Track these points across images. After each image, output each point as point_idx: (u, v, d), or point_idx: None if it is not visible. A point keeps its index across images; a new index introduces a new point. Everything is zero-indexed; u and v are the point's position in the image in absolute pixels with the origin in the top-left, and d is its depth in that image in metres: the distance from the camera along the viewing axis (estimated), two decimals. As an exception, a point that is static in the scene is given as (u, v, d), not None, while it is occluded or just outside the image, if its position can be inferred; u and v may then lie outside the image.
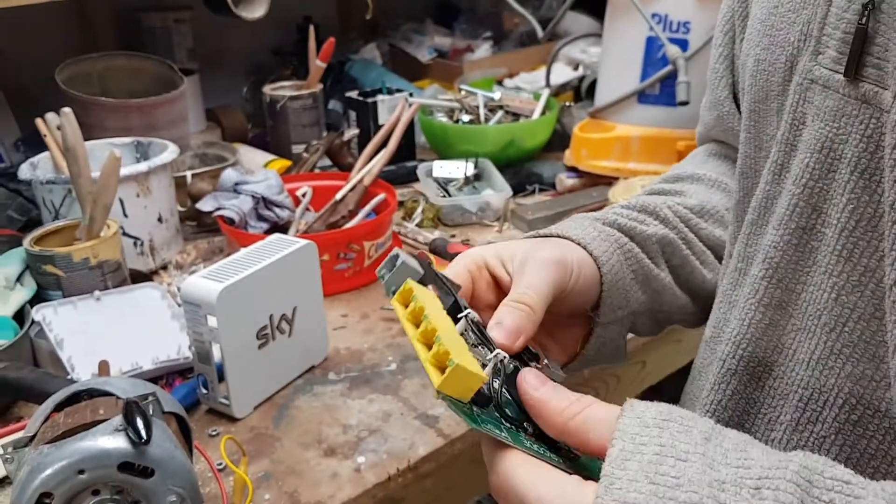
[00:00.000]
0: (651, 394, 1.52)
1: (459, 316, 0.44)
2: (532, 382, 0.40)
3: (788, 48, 0.44)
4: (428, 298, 0.43)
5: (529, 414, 0.40)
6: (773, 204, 0.45)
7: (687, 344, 1.06)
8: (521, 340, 0.44)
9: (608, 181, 1.25)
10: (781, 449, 0.44)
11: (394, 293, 0.44)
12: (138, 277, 0.98)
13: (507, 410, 0.40)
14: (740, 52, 0.53)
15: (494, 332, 0.44)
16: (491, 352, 0.42)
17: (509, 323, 0.45)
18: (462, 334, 0.43)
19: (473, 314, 0.45)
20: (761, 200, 0.46)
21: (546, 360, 0.47)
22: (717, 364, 0.48)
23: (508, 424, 0.40)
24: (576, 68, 1.68)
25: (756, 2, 0.49)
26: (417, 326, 0.41)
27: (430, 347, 0.39)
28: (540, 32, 1.47)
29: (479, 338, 0.44)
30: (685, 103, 1.13)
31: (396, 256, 0.45)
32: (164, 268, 1.08)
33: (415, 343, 0.40)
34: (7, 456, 0.55)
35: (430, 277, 0.46)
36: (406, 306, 0.43)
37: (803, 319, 0.43)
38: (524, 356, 0.46)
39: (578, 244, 0.53)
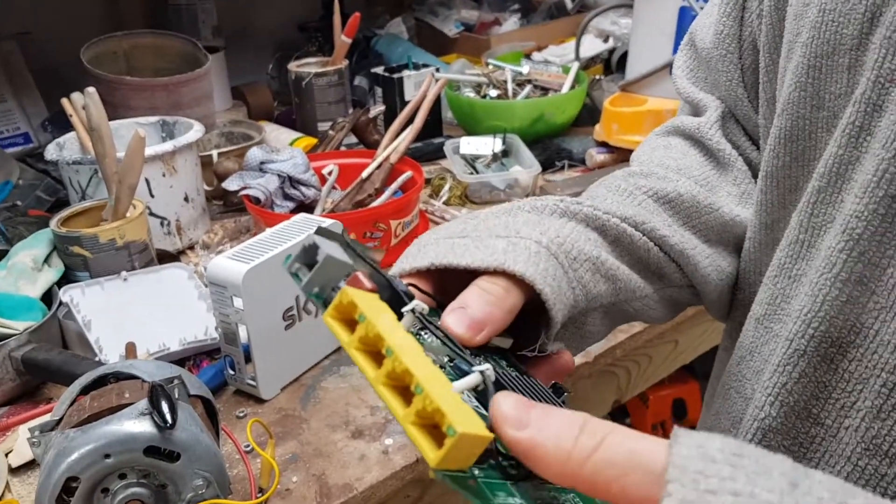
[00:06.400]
0: (684, 372, 1.51)
1: (404, 310, 0.34)
2: (510, 416, 0.28)
3: None
4: (378, 314, 0.30)
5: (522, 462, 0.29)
6: (850, 170, 0.41)
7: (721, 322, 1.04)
8: (485, 334, 0.37)
9: (640, 156, 1.22)
10: (859, 438, 0.41)
11: (317, 297, 0.33)
12: (165, 257, 0.98)
13: (505, 452, 0.30)
14: (774, 4, 0.49)
15: (452, 318, 0.36)
16: (455, 355, 0.32)
17: (476, 309, 0.37)
18: (413, 334, 0.34)
19: (421, 305, 0.35)
20: (832, 166, 0.42)
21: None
22: (783, 344, 0.44)
23: (514, 471, 0.29)
24: (606, 40, 1.64)
25: None
26: (374, 356, 0.30)
27: (401, 392, 0.29)
28: (569, 4, 1.44)
29: (437, 336, 0.34)
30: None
31: (316, 248, 0.33)
32: (192, 248, 1.08)
33: (379, 389, 0.29)
34: (34, 440, 0.55)
35: (356, 261, 0.35)
36: (348, 325, 0.31)
37: (889, 297, 0.40)
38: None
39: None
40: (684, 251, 0.51)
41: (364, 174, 1.11)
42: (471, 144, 1.29)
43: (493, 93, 1.42)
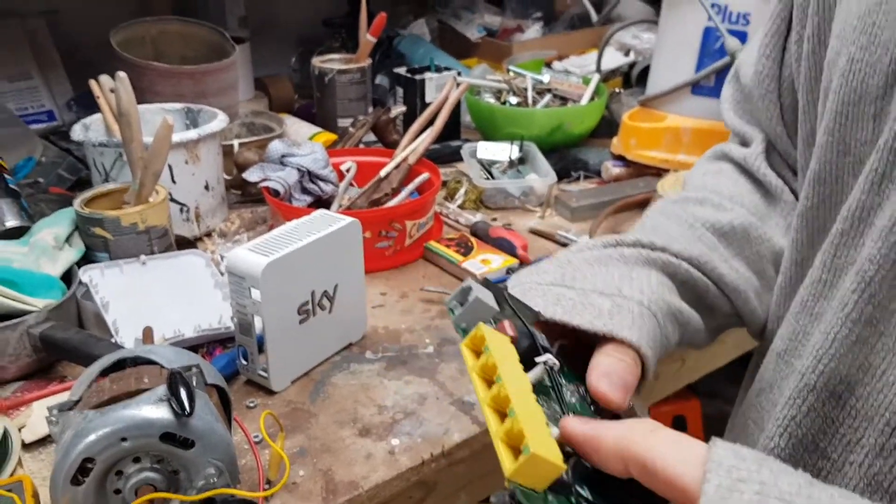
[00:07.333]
0: (686, 390, 1.51)
1: (538, 360, 0.40)
2: (576, 421, 0.36)
3: (894, 49, 0.41)
4: (502, 350, 0.37)
5: (581, 455, 0.35)
6: (872, 215, 0.42)
7: (729, 344, 1.05)
8: (628, 398, 0.42)
9: (655, 172, 1.23)
10: (862, 474, 0.43)
11: (464, 332, 0.40)
12: (182, 243, 0.99)
13: (584, 493, 0.35)
14: (812, 49, 0.51)
15: (605, 384, 0.42)
16: (564, 413, 0.38)
17: (620, 377, 0.42)
18: (536, 387, 0.39)
19: (553, 360, 0.41)
20: (855, 210, 0.43)
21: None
22: (795, 377, 0.46)
23: None
24: (626, 54, 1.65)
25: None
26: (488, 383, 0.36)
27: (502, 417, 0.34)
28: (594, 16, 1.44)
29: (556, 393, 0.40)
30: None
31: (469, 290, 0.41)
32: (209, 235, 1.09)
33: (484, 409, 0.35)
34: (52, 418, 0.56)
35: (506, 310, 0.42)
36: (476, 355, 0.37)
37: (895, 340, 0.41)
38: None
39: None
40: (738, 287, 0.56)
41: (382, 173, 1.12)
42: (488, 150, 1.30)
43: (513, 100, 1.43)
